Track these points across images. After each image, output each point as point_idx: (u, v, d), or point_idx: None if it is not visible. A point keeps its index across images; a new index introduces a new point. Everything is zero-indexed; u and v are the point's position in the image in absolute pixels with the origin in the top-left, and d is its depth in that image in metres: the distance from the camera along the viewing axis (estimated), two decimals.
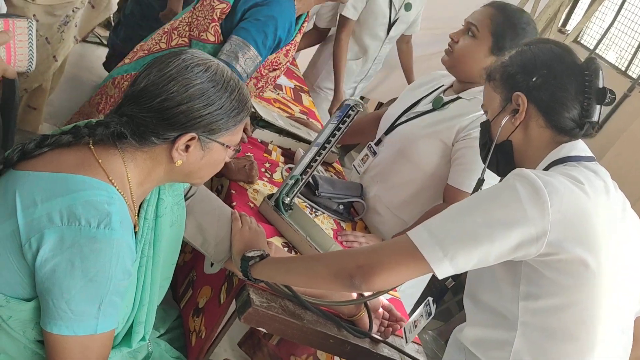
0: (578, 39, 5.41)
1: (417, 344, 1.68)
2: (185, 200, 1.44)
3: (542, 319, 1.22)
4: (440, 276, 1.19)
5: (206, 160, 1.25)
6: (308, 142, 2.30)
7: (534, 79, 1.33)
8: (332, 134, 1.74)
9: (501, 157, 1.41)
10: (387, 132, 2.16)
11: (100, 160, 1.15)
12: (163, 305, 1.71)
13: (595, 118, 1.33)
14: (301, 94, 3.04)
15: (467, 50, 1.94)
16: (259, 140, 2.22)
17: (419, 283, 2.28)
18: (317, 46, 3.71)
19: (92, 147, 1.16)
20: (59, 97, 3.40)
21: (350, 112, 1.71)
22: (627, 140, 4.40)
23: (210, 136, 1.21)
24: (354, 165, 2.30)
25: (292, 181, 1.77)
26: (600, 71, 1.32)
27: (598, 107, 1.32)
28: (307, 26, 3.23)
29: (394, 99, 2.32)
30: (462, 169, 1.93)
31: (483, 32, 1.93)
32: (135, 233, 1.23)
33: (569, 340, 1.23)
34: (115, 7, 2.97)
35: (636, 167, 4.11)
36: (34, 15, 2.42)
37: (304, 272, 1.34)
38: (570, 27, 5.52)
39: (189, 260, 1.87)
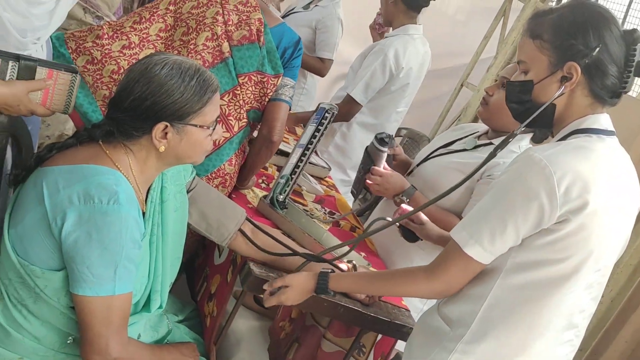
0: None
1: (406, 309, 1.88)
2: (188, 192, 1.69)
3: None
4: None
5: (186, 142, 1.45)
6: None
7: (589, 52, 1.32)
8: (313, 135, 2.00)
9: (539, 119, 1.42)
10: (419, 164, 2.29)
11: (107, 152, 1.42)
12: (181, 300, 1.96)
13: (629, 89, 1.37)
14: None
15: (503, 104, 1.91)
16: None
17: None
18: None
19: (101, 143, 1.44)
20: None
21: (326, 114, 1.98)
22: None
23: (181, 121, 1.43)
24: None
25: (284, 180, 2.02)
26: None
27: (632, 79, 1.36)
28: None
29: None
30: None
31: None
32: (144, 213, 1.48)
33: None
34: None
35: None
36: None
37: (386, 281, 1.54)
38: None
39: (201, 261, 2.13)
